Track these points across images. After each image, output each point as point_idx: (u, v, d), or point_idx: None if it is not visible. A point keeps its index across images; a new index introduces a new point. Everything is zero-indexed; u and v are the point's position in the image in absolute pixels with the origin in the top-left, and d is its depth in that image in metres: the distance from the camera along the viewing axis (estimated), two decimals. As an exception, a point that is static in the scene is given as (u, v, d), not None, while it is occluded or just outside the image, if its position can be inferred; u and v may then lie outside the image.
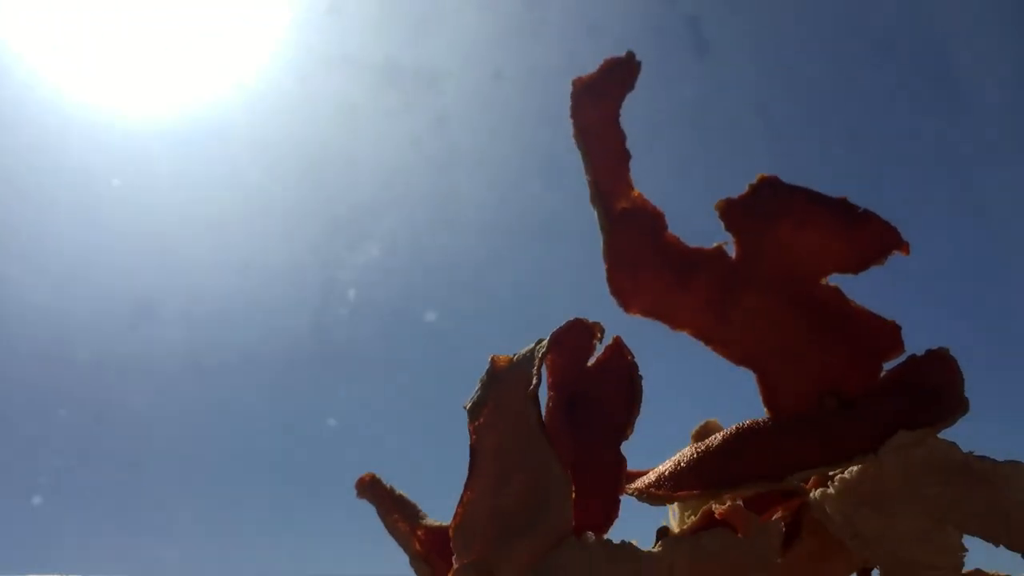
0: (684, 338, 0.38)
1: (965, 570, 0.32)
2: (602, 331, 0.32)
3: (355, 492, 0.36)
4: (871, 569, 0.34)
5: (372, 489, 0.35)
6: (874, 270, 0.37)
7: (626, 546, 0.29)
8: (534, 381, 0.30)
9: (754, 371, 0.38)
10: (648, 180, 0.38)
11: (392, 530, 0.35)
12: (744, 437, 0.31)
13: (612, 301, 0.35)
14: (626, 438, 0.31)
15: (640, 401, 0.31)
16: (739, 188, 0.37)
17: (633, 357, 0.32)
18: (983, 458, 0.30)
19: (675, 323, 0.38)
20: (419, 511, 0.35)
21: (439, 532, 0.34)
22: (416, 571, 0.34)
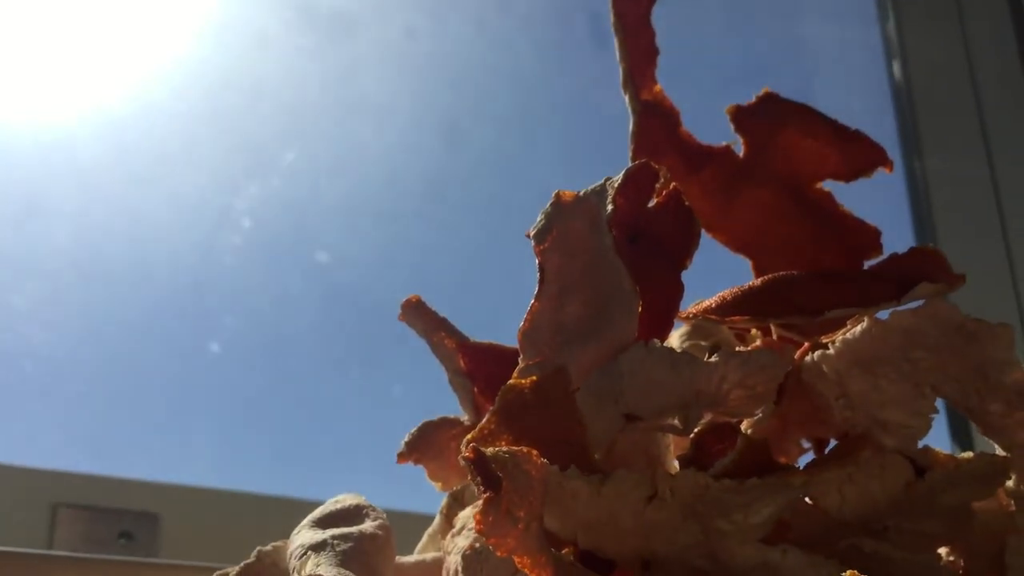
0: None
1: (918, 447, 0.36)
2: (666, 175, 0.35)
3: (399, 314, 0.38)
4: (826, 441, 0.38)
5: (418, 309, 0.37)
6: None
7: (685, 353, 0.32)
8: (609, 208, 0.33)
9: (750, 258, 0.43)
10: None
11: (437, 347, 0.37)
12: (784, 279, 0.35)
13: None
14: (685, 267, 0.34)
15: (699, 236, 0.34)
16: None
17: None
18: (979, 320, 0.34)
19: (683, 209, 0.42)
20: (463, 334, 0.38)
21: (483, 350, 0.37)
22: (457, 387, 0.37)
